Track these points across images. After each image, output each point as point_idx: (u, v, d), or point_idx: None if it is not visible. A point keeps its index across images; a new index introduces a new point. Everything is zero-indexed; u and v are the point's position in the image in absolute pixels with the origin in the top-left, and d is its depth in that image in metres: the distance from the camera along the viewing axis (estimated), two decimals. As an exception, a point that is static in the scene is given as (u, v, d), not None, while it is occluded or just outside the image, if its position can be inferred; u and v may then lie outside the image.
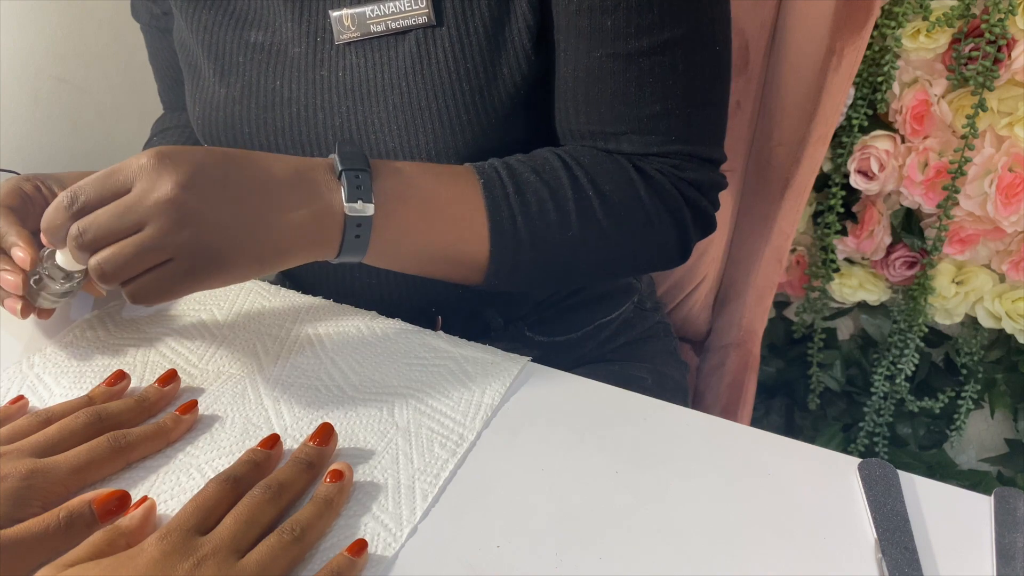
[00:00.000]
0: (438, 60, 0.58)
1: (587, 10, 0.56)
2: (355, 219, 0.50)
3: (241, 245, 0.48)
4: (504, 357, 0.56)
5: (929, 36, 0.95)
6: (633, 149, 0.60)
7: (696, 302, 1.04)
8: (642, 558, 0.43)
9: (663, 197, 0.60)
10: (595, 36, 0.57)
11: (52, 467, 0.45)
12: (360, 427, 0.51)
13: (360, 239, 0.51)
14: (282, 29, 0.62)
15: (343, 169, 0.50)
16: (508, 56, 0.58)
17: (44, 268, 0.55)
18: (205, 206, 0.46)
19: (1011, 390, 1.19)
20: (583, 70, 0.58)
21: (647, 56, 0.57)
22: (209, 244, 0.47)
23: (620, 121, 0.59)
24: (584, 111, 0.60)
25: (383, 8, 0.58)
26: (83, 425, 0.48)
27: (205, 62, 0.66)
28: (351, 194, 0.50)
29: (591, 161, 0.59)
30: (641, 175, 0.60)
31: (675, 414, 0.52)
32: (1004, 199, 0.98)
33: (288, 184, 0.49)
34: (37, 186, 0.60)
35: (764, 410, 1.34)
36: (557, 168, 0.58)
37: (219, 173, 0.47)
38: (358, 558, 0.42)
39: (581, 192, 0.58)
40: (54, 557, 0.40)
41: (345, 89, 0.61)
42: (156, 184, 0.46)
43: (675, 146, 0.60)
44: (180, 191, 0.46)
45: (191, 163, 0.47)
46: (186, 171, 0.46)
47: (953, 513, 0.46)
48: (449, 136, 0.59)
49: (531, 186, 0.57)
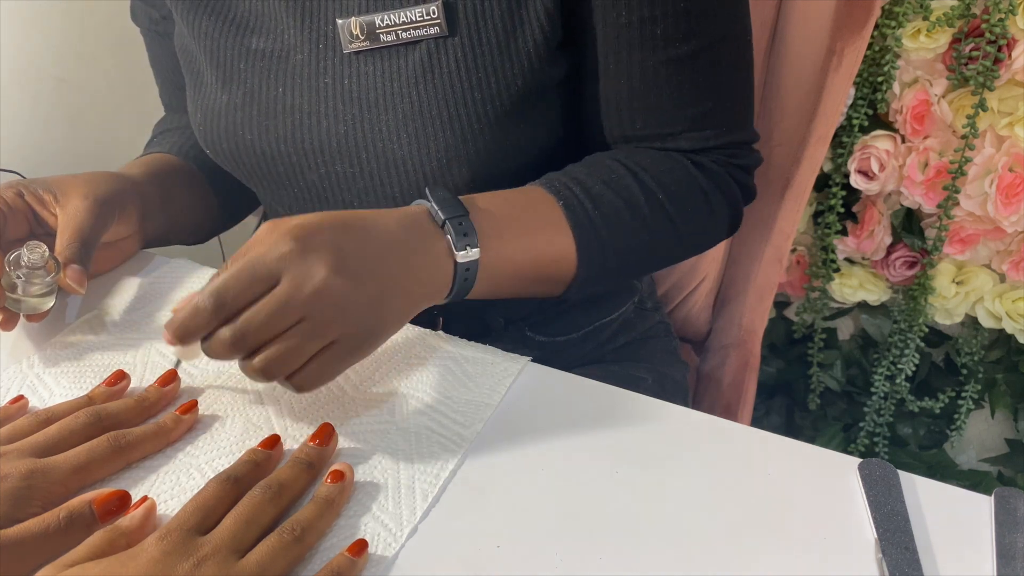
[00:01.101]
0: (450, 69, 0.58)
1: (637, 22, 0.58)
2: (465, 264, 0.52)
3: (389, 312, 0.49)
4: (504, 357, 0.56)
5: (929, 36, 0.95)
6: (691, 146, 0.63)
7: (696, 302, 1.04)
8: (642, 558, 0.43)
9: (721, 186, 0.64)
10: (647, 45, 0.59)
11: (52, 467, 0.45)
12: (360, 427, 0.51)
13: (468, 281, 0.53)
14: (284, 36, 0.62)
15: (447, 218, 0.51)
16: (521, 65, 0.59)
17: (14, 274, 0.54)
18: (355, 285, 0.47)
19: (1011, 390, 1.19)
20: (638, 79, 0.60)
21: (696, 58, 0.59)
22: (366, 320, 0.48)
23: (677, 122, 0.62)
24: (642, 117, 0.62)
25: (394, 17, 0.58)
26: (83, 425, 0.48)
27: (207, 68, 0.65)
28: (459, 242, 0.51)
29: (652, 163, 0.62)
30: (700, 169, 0.63)
31: (675, 414, 0.52)
32: (1004, 199, 0.98)
33: (406, 243, 0.50)
34: (19, 192, 0.60)
35: (764, 410, 1.34)
36: (623, 175, 0.60)
37: (355, 247, 0.48)
38: (358, 558, 0.42)
39: (652, 196, 0.60)
40: (54, 557, 0.40)
41: (351, 97, 0.60)
42: (308, 273, 0.45)
43: (727, 137, 0.64)
44: (333, 276, 0.45)
45: (331, 244, 0.47)
46: (331, 253, 0.46)
47: (953, 513, 0.46)
48: (460, 145, 0.59)
49: (605, 198, 0.59)
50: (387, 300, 0.49)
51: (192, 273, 0.66)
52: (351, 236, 0.48)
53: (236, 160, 0.66)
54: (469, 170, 0.60)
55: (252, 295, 0.45)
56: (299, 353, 0.46)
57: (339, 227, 0.48)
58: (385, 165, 0.61)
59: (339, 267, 0.46)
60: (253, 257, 0.46)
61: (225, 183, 0.74)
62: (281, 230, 0.46)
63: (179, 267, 0.67)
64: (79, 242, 0.59)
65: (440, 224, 0.52)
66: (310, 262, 0.45)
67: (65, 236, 0.59)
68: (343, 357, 0.48)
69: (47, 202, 0.61)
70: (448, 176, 0.61)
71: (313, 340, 0.46)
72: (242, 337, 0.45)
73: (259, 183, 0.68)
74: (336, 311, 0.46)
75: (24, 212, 0.61)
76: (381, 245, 0.49)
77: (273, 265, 0.45)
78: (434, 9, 0.57)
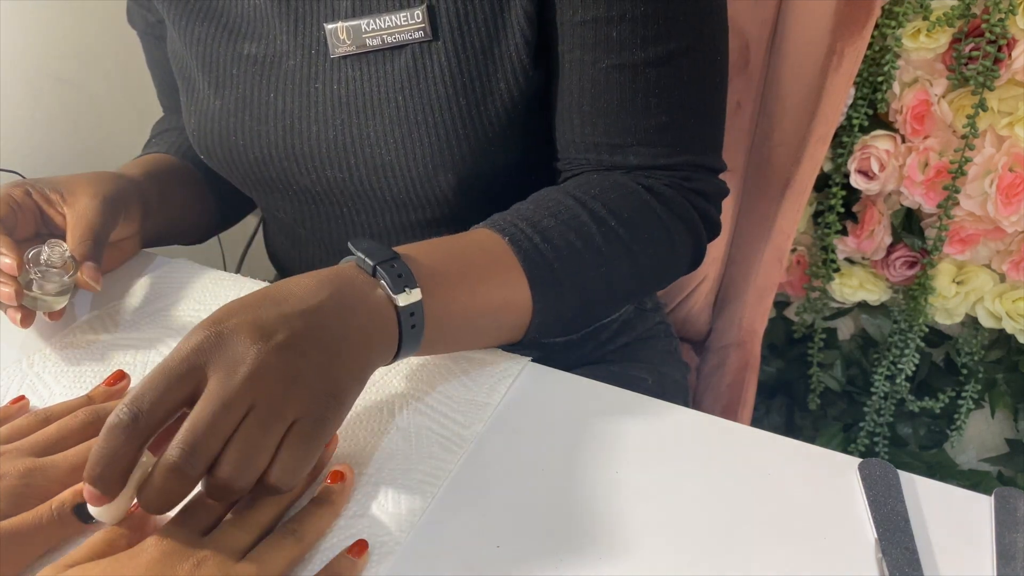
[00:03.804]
0: (434, 74, 0.58)
1: (592, 21, 0.56)
2: (408, 308, 0.47)
3: (341, 372, 0.43)
4: (504, 357, 0.56)
5: (929, 36, 0.95)
6: (640, 161, 0.60)
7: (696, 302, 1.04)
8: (642, 558, 0.43)
9: (678, 212, 0.60)
10: (600, 47, 0.56)
11: (50, 465, 0.45)
12: (360, 427, 0.51)
13: (415, 328, 0.48)
14: (276, 41, 0.62)
15: (376, 263, 0.47)
16: (505, 70, 0.58)
17: (33, 271, 0.55)
18: (295, 355, 0.41)
19: (1011, 390, 1.19)
20: (588, 81, 0.58)
21: (653, 67, 0.57)
22: (319, 386, 0.42)
23: (626, 133, 0.59)
24: (590, 123, 0.59)
25: (379, 22, 0.58)
26: (82, 424, 0.48)
27: (199, 74, 0.65)
28: (396, 284, 0.46)
29: (601, 191, 0.58)
30: (652, 194, 0.59)
31: (675, 414, 0.52)
32: (1004, 199, 0.98)
33: (339, 299, 0.45)
34: (27, 191, 0.60)
35: (764, 410, 1.34)
36: (572, 207, 0.56)
37: (277, 317, 0.42)
38: (359, 559, 0.42)
39: (604, 224, 0.56)
40: (53, 551, 0.40)
41: (340, 103, 0.61)
42: (235, 357, 0.40)
43: (682, 157, 0.60)
44: (264, 351, 0.40)
45: (250, 320, 0.41)
46: (252, 328, 0.41)
47: (953, 513, 0.46)
48: (445, 150, 0.59)
49: (555, 231, 0.55)
50: (335, 361, 0.43)
51: (193, 273, 0.66)
52: (270, 308, 0.42)
53: (230, 165, 0.66)
54: (455, 175, 0.60)
55: (173, 401, 0.39)
56: (262, 446, 0.39)
57: (253, 304, 0.42)
58: (374, 170, 0.61)
59: (267, 339, 0.40)
60: (165, 360, 0.40)
61: (224, 183, 0.75)
62: (193, 328, 0.41)
63: (180, 267, 0.67)
64: (92, 240, 0.59)
65: (371, 272, 0.47)
66: (232, 343, 0.40)
67: (77, 234, 0.59)
68: (312, 434, 0.41)
69: (54, 201, 0.61)
70: (434, 181, 0.60)
71: (271, 427, 0.40)
72: (192, 451, 0.38)
73: (253, 188, 0.68)
74: (283, 386, 0.40)
75: (33, 211, 0.61)
76: (309, 309, 0.43)
77: (190, 360, 0.39)
78: (418, 13, 0.57)
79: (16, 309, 0.56)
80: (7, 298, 0.55)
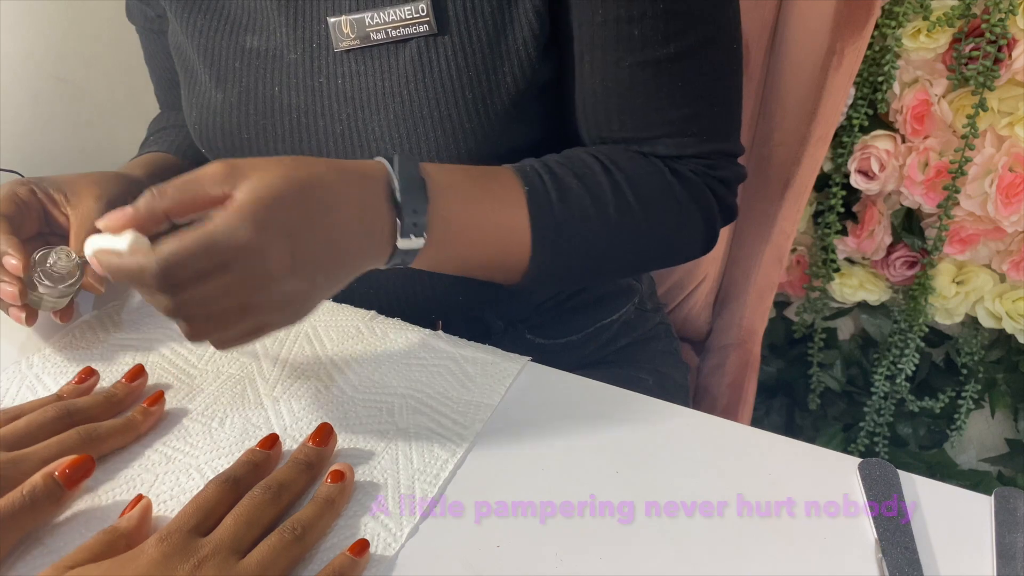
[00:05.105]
0: (440, 68, 0.58)
1: (613, 21, 0.56)
2: (406, 250, 0.50)
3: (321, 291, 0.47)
4: (504, 357, 0.56)
5: (929, 36, 0.95)
6: (668, 152, 0.61)
7: (696, 302, 1.04)
8: (642, 558, 0.43)
9: (697, 197, 0.61)
10: (623, 46, 0.57)
11: (22, 458, 0.45)
12: (360, 427, 0.51)
13: (406, 261, 0.51)
14: (277, 34, 0.62)
15: (402, 202, 0.48)
16: (511, 64, 0.58)
17: (39, 272, 0.55)
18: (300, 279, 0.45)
19: (1011, 390, 1.19)
20: (612, 80, 0.59)
21: (676, 62, 0.58)
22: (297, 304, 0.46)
23: (653, 127, 0.60)
24: (617, 119, 0.60)
25: (383, 15, 0.58)
26: (52, 419, 0.48)
27: (201, 67, 0.65)
28: (406, 229, 0.49)
29: (628, 164, 0.60)
30: (677, 177, 0.61)
31: (675, 414, 0.52)
32: (1004, 199, 0.98)
33: (360, 219, 0.47)
34: (32, 190, 0.60)
35: (764, 410, 1.34)
36: (598, 172, 0.58)
37: (310, 234, 0.45)
38: (360, 558, 0.42)
39: (622, 198, 0.58)
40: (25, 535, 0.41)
41: (345, 97, 0.60)
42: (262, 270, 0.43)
43: (708, 146, 0.61)
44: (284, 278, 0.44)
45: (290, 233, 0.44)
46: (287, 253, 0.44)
47: (953, 513, 0.46)
48: (452, 144, 0.59)
49: (573, 192, 0.57)
50: (323, 284, 0.47)
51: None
52: (309, 216, 0.45)
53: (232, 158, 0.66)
54: None
55: (200, 274, 0.43)
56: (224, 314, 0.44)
57: (298, 201, 0.44)
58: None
59: (294, 268, 0.44)
60: (211, 239, 0.42)
61: None
62: (240, 210, 0.43)
63: (179, 267, 0.67)
64: None
65: (392, 202, 0.49)
66: (266, 258, 0.43)
67: (82, 236, 0.59)
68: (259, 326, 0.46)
69: (58, 202, 0.61)
70: None
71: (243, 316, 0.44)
72: (177, 308, 0.43)
73: None
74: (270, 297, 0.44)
75: (38, 210, 0.61)
76: (335, 228, 0.46)
77: (228, 254, 0.43)
78: (423, 7, 0.57)
79: (20, 308, 0.56)
80: (11, 297, 0.55)
